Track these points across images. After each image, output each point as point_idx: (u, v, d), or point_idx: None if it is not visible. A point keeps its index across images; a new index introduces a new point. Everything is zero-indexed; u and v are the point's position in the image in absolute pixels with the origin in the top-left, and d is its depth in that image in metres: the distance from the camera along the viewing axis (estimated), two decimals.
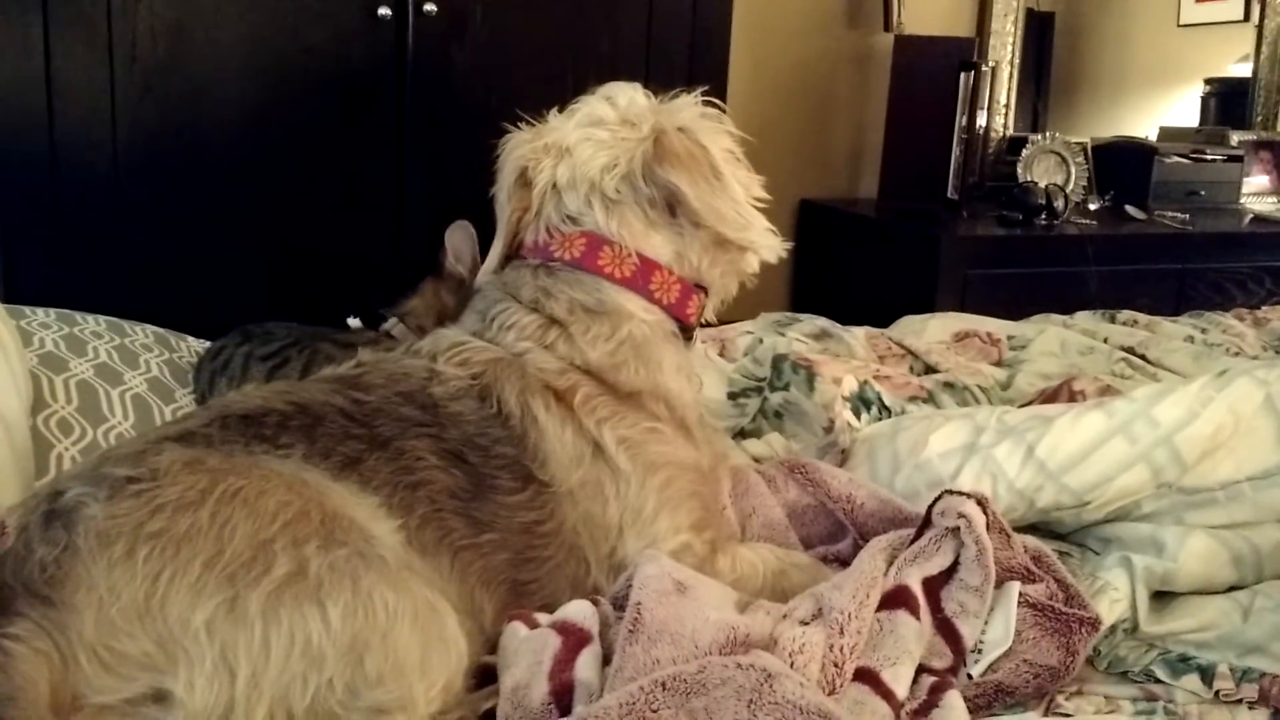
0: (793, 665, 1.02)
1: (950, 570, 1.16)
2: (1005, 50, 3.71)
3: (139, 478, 0.95)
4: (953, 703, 1.05)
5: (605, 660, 1.06)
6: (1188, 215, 3.56)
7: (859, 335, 2.11)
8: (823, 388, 1.75)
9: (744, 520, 1.44)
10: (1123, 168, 3.73)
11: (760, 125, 3.46)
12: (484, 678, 1.09)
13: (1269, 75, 4.09)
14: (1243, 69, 4.11)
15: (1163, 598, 1.28)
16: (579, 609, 1.12)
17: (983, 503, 1.19)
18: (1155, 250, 3.39)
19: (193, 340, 1.90)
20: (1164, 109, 4.07)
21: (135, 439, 1.13)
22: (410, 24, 2.46)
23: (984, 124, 3.46)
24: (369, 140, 2.51)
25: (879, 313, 2.42)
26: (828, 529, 1.43)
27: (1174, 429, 1.34)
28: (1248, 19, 4.04)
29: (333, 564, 0.93)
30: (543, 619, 1.12)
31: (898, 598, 1.12)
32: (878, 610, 1.11)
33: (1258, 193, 3.92)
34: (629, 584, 1.14)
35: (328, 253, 2.51)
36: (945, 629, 1.13)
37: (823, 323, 2.16)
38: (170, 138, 2.36)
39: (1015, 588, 1.16)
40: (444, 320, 1.54)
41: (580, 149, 1.35)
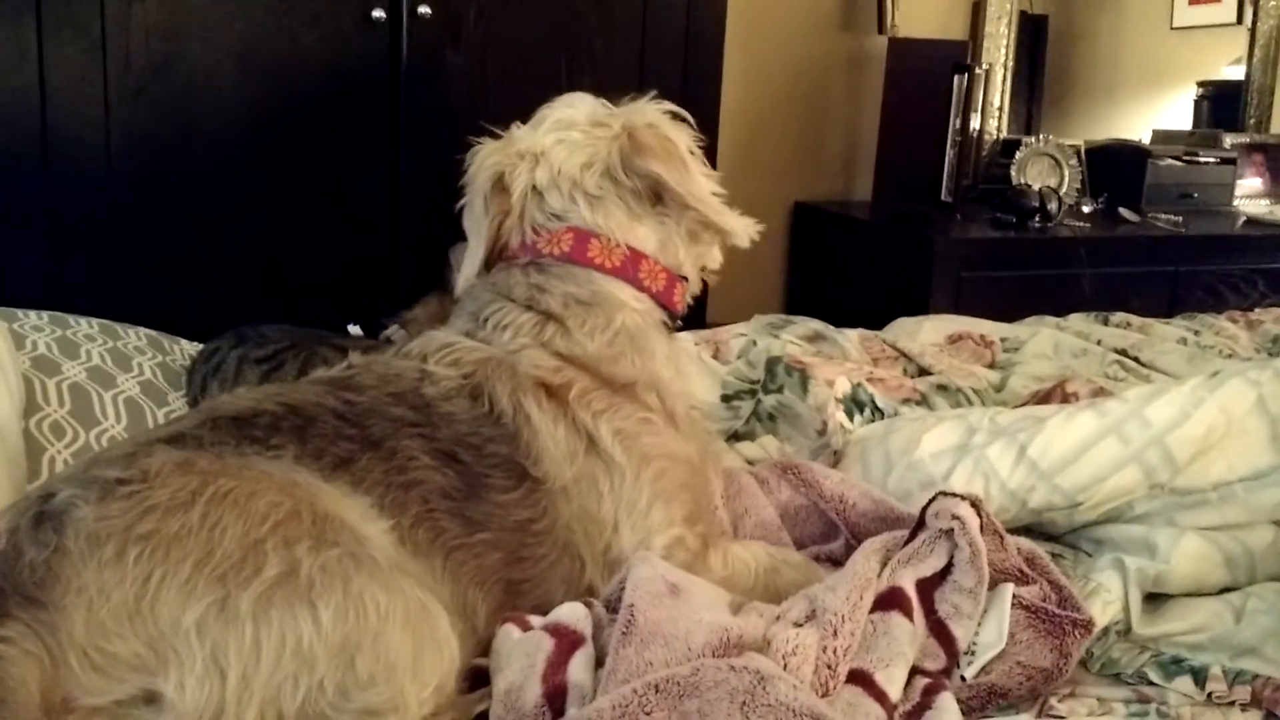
0: (786, 667, 1.02)
1: (944, 572, 1.16)
2: (999, 53, 3.71)
3: (129, 479, 0.95)
4: (946, 704, 1.05)
5: (598, 662, 1.06)
6: (1181, 218, 3.57)
7: (852, 337, 2.11)
8: (816, 390, 1.75)
9: (736, 521, 1.44)
10: (1116, 170, 3.73)
11: (754, 127, 3.51)
12: (477, 680, 1.09)
13: (1262, 78, 4.10)
14: (1236, 71, 4.11)
15: (1155, 600, 1.28)
16: (572, 611, 1.12)
17: (977, 504, 1.19)
18: (1148, 252, 3.39)
19: (185, 343, 1.90)
20: (1157, 111, 4.08)
21: (126, 441, 1.13)
22: (404, 26, 2.46)
23: (978, 126, 3.46)
24: (363, 142, 2.51)
25: (873, 315, 2.42)
26: (820, 529, 1.43)
27: (1166, 429, 1.34)
28: (1240, 22, 4.05)
29: (324, 565, 0.93)
30: (536, 621, 1.12)
31: (891, 599, 1.12)
32: (871, 612, 1.11)
33: (1251, 195, 3.93)
34: (622, 586, 1.14)
35: (321, 255, 2.51)
36: (938, 630, 1.13)
37: (816, 325, 2.16)
38: (163, 140, 2.35)
39: (1009, 589, 1.16)
40: None
41: (555, 151, 1.38)
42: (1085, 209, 3.64)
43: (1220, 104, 4.12)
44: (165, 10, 2.29)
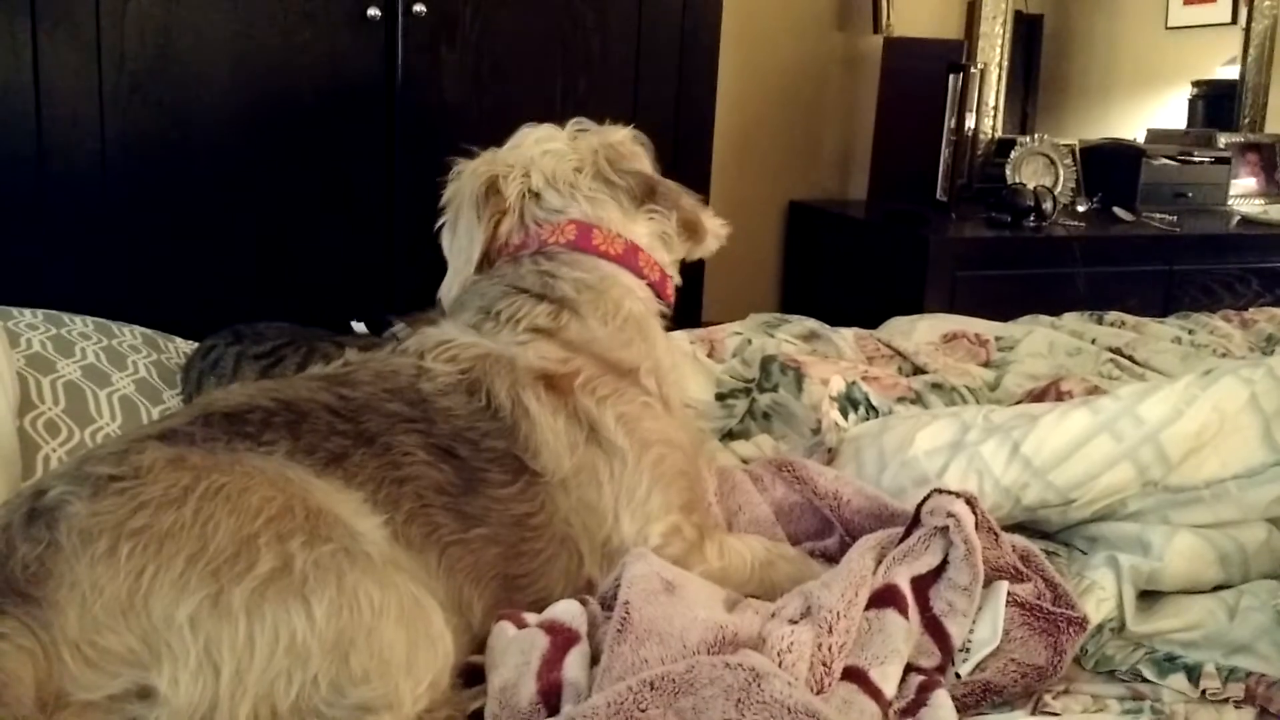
0: (781, 664, 1.02)
1: (939, 569, 1.17)
2: (994, 52, 3.71)
3: (122, 476, 0.95)
4: (940, 701, 1.05)
5: (594, 660, 1.06)
6: (1175, 217, 3.57)
7: (847, 336, 2.11)
8: (811, 389, 1.75)
9: (731, 518, 1.44)
10: (1111, 170, 3.73)
11: (750, 126, 3.51)
12: (471, 677, 1.09)
13: (1256, 77, 4.10)
14: (1230, 71, 4.12)
15: (1149, 597, 1.29)
16: (567, 609, 1.12)
17: (972, 502, 1.19)
18: (1143, 252, 3.39)
19: (180, 341, 1.90)
20: (1152, 111, 4.08)
21: (118, 438, 1.13)
22: (400, 25, 2.45)
23: (973, 126, 3.46)
24: (358, 140, 2.51)
25: (868, 314, 2.42)
26: (815, 526, 1.43)
27: (1159, 427, 1.34)
28: (1235, 21, 4.05)
29: (317, 560, 0.93)
30: (531, 618, 1.12)
31: (886, 596, 1.12)
32: (866, 609, 1.11)
33: (1245, 195, 3.93)
34: (617, 583, 1.14)
35: (317, 252, 2.51)
36: (933, 628, 1.13)
37: (811, 324, 2.16)
38: (158, 139, 2.35)
39: (1003, 587, 1.16)
40: None
41: (543, 160, 1.45)
42: (1080, 208, 3.64)
43: (1215, 104, 4.12)
44: (160, 7, 2.29)
